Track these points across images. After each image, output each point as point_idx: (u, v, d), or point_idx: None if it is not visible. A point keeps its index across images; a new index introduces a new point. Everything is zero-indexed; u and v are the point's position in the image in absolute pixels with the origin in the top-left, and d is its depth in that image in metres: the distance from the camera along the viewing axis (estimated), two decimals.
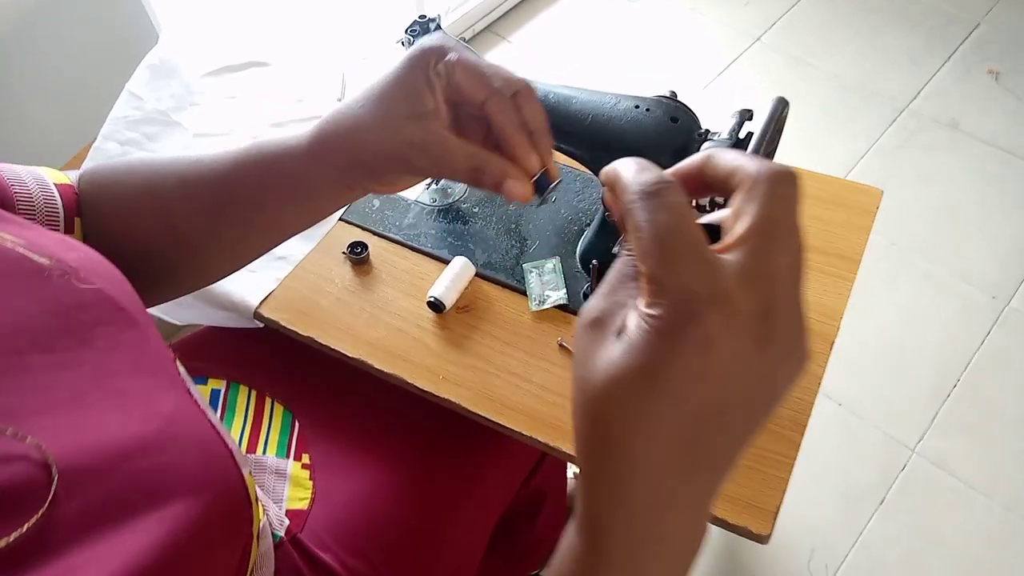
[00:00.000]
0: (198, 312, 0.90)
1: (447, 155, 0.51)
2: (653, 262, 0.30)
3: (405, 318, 0.84)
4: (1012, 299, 1.75)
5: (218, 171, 0.57)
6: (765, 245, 0.30)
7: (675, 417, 0.29)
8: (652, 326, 0.29)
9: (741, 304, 0.29)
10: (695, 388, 0.29)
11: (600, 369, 0.30)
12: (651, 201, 0.31)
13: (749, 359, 0.29)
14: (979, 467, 1.52)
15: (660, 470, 0.30)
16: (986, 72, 2.22)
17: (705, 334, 0.28)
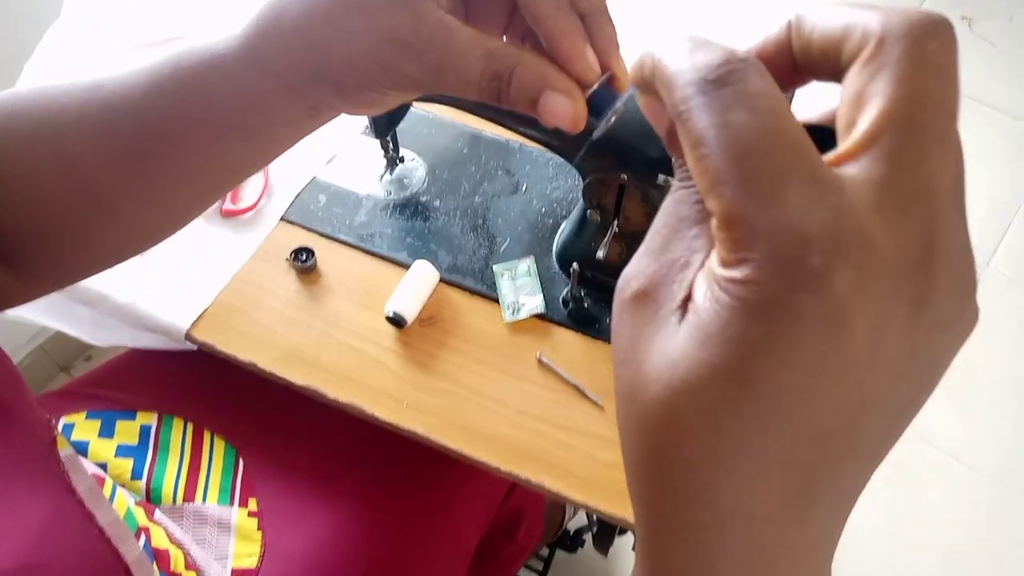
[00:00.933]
0: (121, 333, 0.78)
1: (451, 54, 0.32)
2: (733, 192, 0.18)
3: (361, 335, 0.74)
4: (992, 260, 1.70)
5: (129, 100, 0.39)
6: (914, 146, 0.19)
7: (785, 440, 0.19)
8: (739, 298, 0.18)
9: (884, 249, 0.18)
10: (816, 391, 0.18)
11: (658, 372, 0.20)
12: (720, 94, 0.19)
13: (899, 334, 0.19)
14: (963, 438, 1.49)
15: (763, 520, 0.20)
16: (960, 18, 2.14)
17: (831, 305, 0.18)
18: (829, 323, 0.18)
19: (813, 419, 0.19)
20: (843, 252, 0.18)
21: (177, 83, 0.38)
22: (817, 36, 0.22)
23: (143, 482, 0.69)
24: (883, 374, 0.19)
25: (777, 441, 0.19)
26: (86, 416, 0.73)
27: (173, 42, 0.91)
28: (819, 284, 0.18)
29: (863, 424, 0.20)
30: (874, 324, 0.18)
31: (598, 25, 0.33)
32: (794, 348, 0.18)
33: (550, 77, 0.32)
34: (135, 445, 0.71)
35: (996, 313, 1.63)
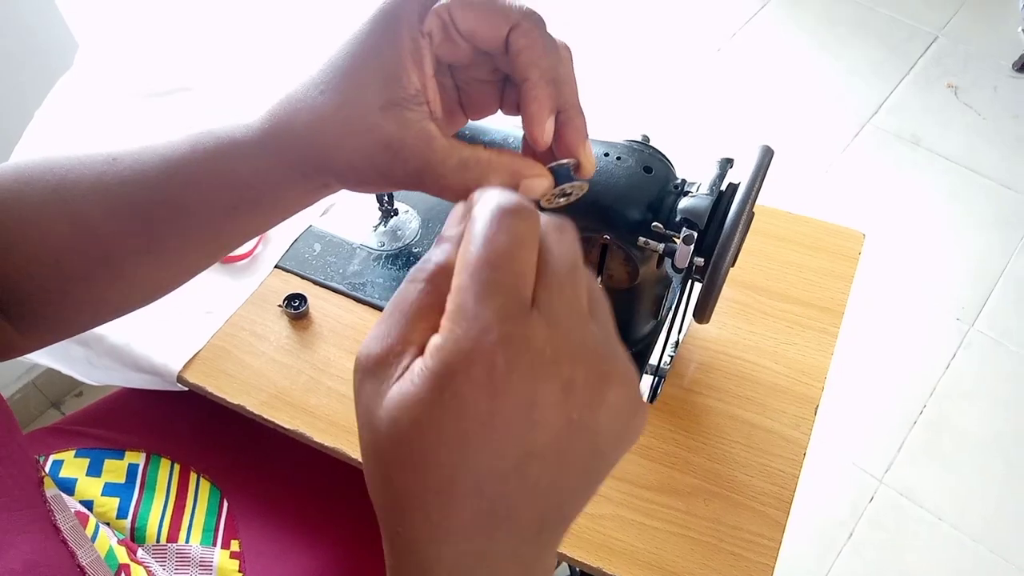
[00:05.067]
0: (114, 374, 0.80)
1: (428, 163, 0.36)
2: (472, 287, 0.26)
3: (349, 381, 0.75)
4: (976, 320, 1.73)
5: (144, 174, 0.42)
6: (568, 290, 0.28)
7: (470, 472, 0.26)
8: (438, 363, 0.26)
9: (543, 348, 0.26)
10: (485, 437, 0.26)
11: (382, 422, 0.27)
12: (504, 218, 0.27)
13: (554, 406, 0.26)
14: (947, 496, 1.49)
15: (461, 533, 0.27)
16: (946, 86, 2.21)
17: (490, 373, 0.25)
18: (491, 391, 0.25)
19: (488, 459, 0.26)
20: (508, 346, 0.25)
21: (194, 163, 0.42)
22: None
23: (128, 521, 0.69)
24: (542, 433, 0.26)
25: (464, 474, 0.26)
26: (75, 454, 0.74)
27: (180, 92, 0.94)
28: (488, 360, 0.25)
29: (530, 469, 0.27)
30: (526, 397, 0.26)
31: (570, 117, 0.37)
32: (470, 405, 0.25)
33: (521, 169, 0.37)
34: (122, 484, 0.72)
35: (981, 374, 1.65)
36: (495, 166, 0.36)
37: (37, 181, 0.43)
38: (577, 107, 0.37)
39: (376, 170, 0.37)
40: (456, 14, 0.35)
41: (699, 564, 0.65)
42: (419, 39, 0.35)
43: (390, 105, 0.36)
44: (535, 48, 0.35)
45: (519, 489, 0.27)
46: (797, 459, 0.71)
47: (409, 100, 0.36)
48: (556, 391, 0.26)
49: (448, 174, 0.36)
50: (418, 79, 0.36)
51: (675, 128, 2.08)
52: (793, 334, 0.78)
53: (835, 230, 0.87)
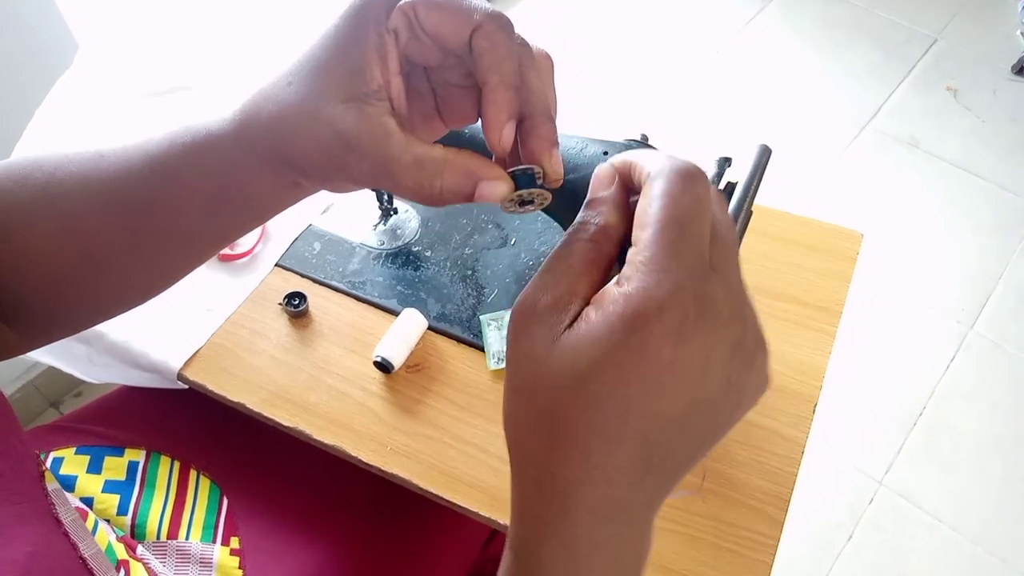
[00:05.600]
0: (115, 371, 0.80)
1: (384, 159, 0.35)
2: (662, 241, 0.28)
3: (348, 379, 0.76)
4: (976, 323, 1.73)
5: (128, 170, 0.42)
6: (733, 256, 0.30)
7: (641, 417, 0.28)
8: (626, 307, 0.27)
9: (722, 308, 0.28)
10: (664, 384, 0.27)
11: (557, 361, 0.28)
12: (687, 182, 0.29)
13: (722, 363, 0.28)
14: (946, 498, 1.49)
15: (615, 477, 0.29)
16: (945, 89, 2.21)
17: (682, 328, 0.27)
18: (678, 339, 0.27)
19: (660, 405, 0.28)
20: (698, 301, 0.27)
21: (173, 157, 0.41)
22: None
23: (128, 518, 0.70)
24: (709, 386, 0.28)
25: (635, 417, 0.28)
26: (75, 451, 0.74)
27: (179, 91, 0.94)
28: (680, 311, 0.27)
29: (692, 418, 0.28)
30: (706, 350, 0.28)
31: (537, 124, 0.36)
32: (654, 351, 0.27)
33: (477, 171, 0.35)
34: (122, 481, 0.72)
35: (979, 376, 1.65)
36: (451, 165, 0.35)
37: (26, 179, 0.43)
38: (544, 114, 0.37)
39: (334, 164, 0.37)
40: (421, 12, 0.35)
41: (698, 561, 0.65)
42: (384, 36, 0.35)
43: (351, 99, 0.36)
44: (496, 51, 0.34)
45: (676, 439, 0.29)
46: (795, 458, 0.71)
47: (370, 95, 0.36)
48: (727, 349, 0.28)
49: (403, 170, 0.35)
50: (381, 75, 0.36)
51: (674, 129, 2.08)
52: (791, 333, 0.79)
53: (833, 230, 0.87)
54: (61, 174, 0.43)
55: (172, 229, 0.44)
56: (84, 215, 0.43)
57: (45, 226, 0.43)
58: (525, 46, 0.36)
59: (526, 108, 0.36)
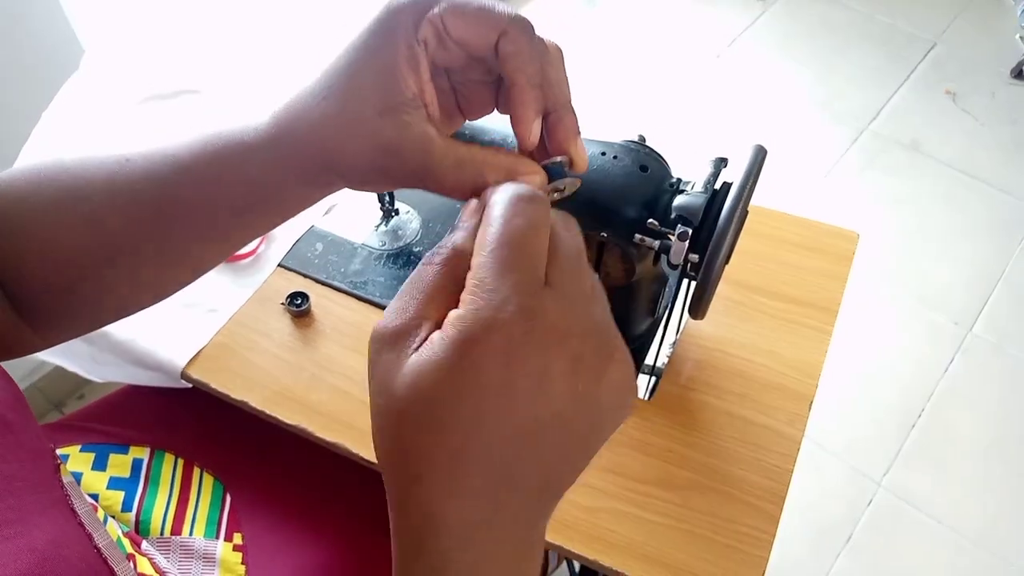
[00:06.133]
0: (119, 370, 0.81)
1: (428, 162, 0.38)
2: (491, 263, 0.29)
3: (350, 378, 0.77)
4: (974, 325, 1.73)
5: (155, 174, 0.44)
6: (575, 272, 0.31)
7: (483, 436, 0.28)
8: (458, 332, 0.28)
9: (557, 322, 0.29)
10: (500, 403, 0.28)
11: (401, 387, 0.29)
12: (520, 204, 0.31)
13: (563, 377, 0.29)
14: (945, 500, 1.50)
15: (470, 494, 0.29)
16: (944, 92, 2.22)
17: (507, 342, 0.28)
18: (508, 357, 0.28)
19: (501, 425, 0.28)
20: (526, 317, 0.28)
21: (204, 164, 0.43)
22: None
23: (133, 514, 0.71)
24: (551, 402, 0.29)
25: (477, 437, 0.28)
26: (80, 449, 0.75)
27: (185, 95, 0.96)
28: (506, 330, 0.28)
29: (539, 435, 0.29)
30: (539, 367, 0.28)
31: (561, 117, 0.39)
32: (485, 370, 0.28)
33: (515, 167, 0.38)
34: (127, 478, 0.73)
35: (978, 378, 1.66)
36: (491, 164, 0.38)
37: (52, 181, 0.45)
38: (567, 106, 0.39)
39: (378, 171, 0.39)
40: (448, 22, 0.36)
41: (695, 556, 0.66)
42: (415, 46, 0.37)
43: (388, 110, 0.37)
44: (522, 54, 0.36)
45: (527, 455, 0.29)
46: (791, 454, 0.72)
47: (407, 104, 0.37)
48: (566, 363, 0.29)
49: (446, 173, 0.38)
50: (415, 84, 0.37)
51: (673, 132, 2.09)
52: (788, 332, 0.80)
53: (830, 230, 0.88)
54: (86, 176, 0.45)
55: (197, 232, 0.46)
56: (108, 217, 0.44)
57: (68, 226, 0.45)
58: (542, 43, 0.38)
59: (549, 103, 0.38)
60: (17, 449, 0.40)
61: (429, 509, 0.29)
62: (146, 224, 0.45)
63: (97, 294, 0.48)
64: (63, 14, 1.21)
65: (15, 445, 0.40)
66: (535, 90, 0.37)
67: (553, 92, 0.38)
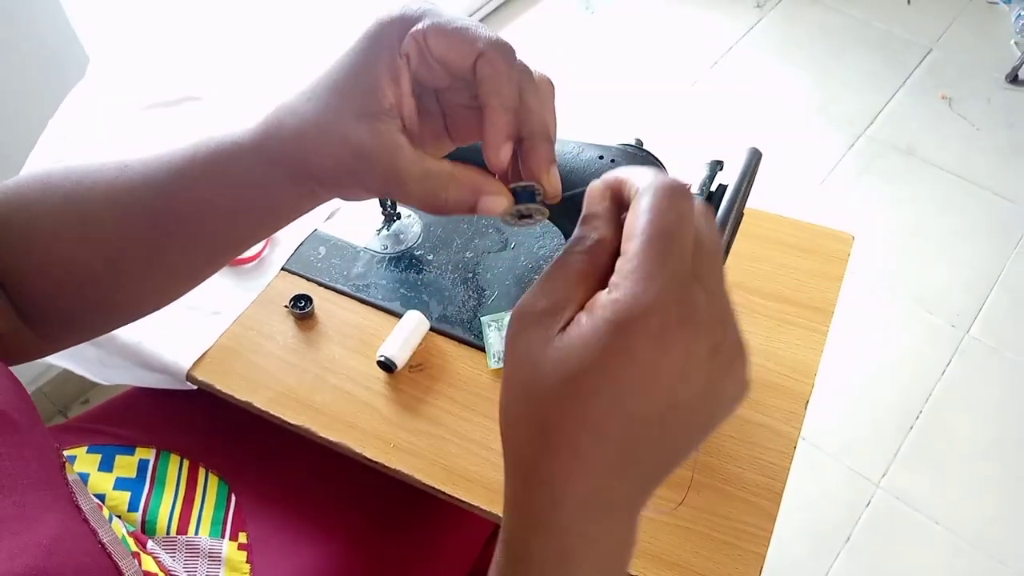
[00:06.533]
0: (125, 373, 0.82)
1: (395, 171, 0.38)
2: (647, 252, 0.30)
3: (353, 379, 0.78)
4: (971, 327, 1.75)
5: (151, 179, 0.45)
6: (717, 266, 0.32)
7: (624, 414, 0.30)
8: (610, 317, 0.29)
9: (703, 314, 0.30)
10: (644, 385, 0.29)
11: (549, 361, 0.30)
12: (672, 197, 0.31)
13: (702, 365, 0.30)
14: (943, 501, 1.51)
15: (601, 470, 0.30)
16: (940, 97, 2.24)
17: (662, 328, 0.29)
18: (660, 343, 0.29)
19: (642, 405, 0.30)
20: (680, 307, 0.29)
21: (196, 167, 0.44)
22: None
23: (139, 514, 0.72)
24: (688, 388, 0.30)
25: (619, 415, 0.30)
26: (87, 450, 0.76)
27: (188, 102, 0.97)
28: (663, 317, 0.29)
29: (671, 419, 0.30)
30: (686, 354, 0.29)
31: (535, 145, 0.39)
32: (638, 353, 0.29)
33: (480, 186, 0.39)
34: (133, 478, 0.74)
35: (976, 380, 1.67)
36: (456, 179, 0.39)
37: (56, 187, 0.46)
38: (543, 135, 0.39)
39: (350, 175, 0.40)
40: (430, 40, 0.37)
41: (693, 553, 0.67)
42: (397, 59, 0.38)
43: (365, 116, 0.38)
44: (497, 77, 0.37)
45: (656, 437, 0.31)
46: (788, 452, 0.73)
47: (383, 113, 0.38)
48: (706, 352, 0.30)
49: (411, 182, 0.38)
50: (393, 95, 0.39)
51: (671, 136, 2.11)
52: (784, 332, 0.81)
53: (825, 232, 0.89)
54: (87, 183, 0.46)
55: (193, 236, 0.46)
56: (108, 222, 0.46)
57: (70, 233, 0.46)
58: (526, 71, 0.38)
59: (525, 129, 0.39)
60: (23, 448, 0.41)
61: (558, 479, 0.31)
62: (144, 228, 0.46)
63: (100, 299, 0.49)
64: (68, 24, 1.23)
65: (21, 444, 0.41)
66: (507, 114, 0.38)
67: (530, 118, 0.38)
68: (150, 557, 0.64)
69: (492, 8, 2.44)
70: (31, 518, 0.39)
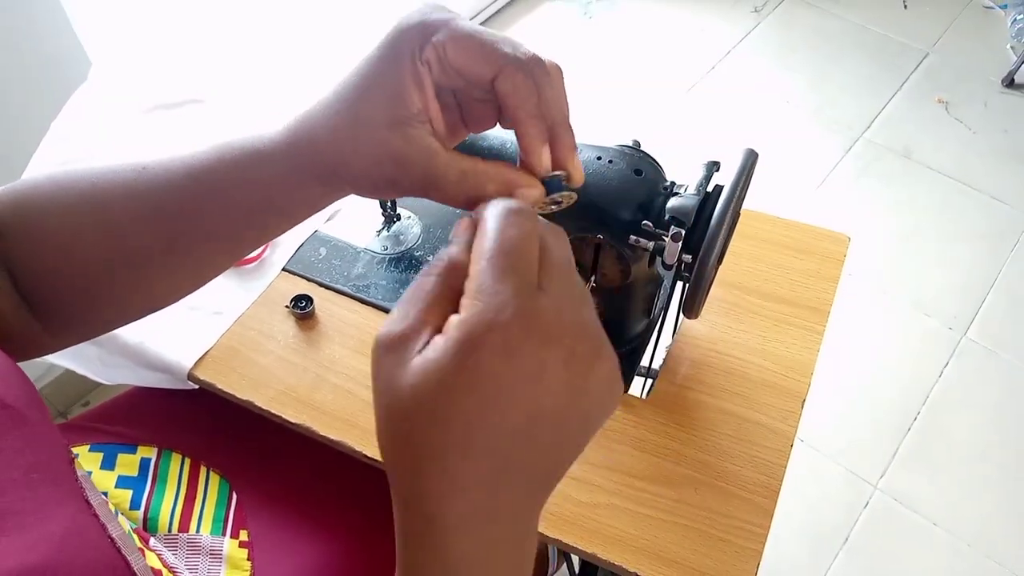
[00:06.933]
0: (127, 372, 0.83)
1: (432, 173, 0.40)
2: (489, 270, 0.31)
3: (353, 378, 0.79)
4: (968, 330, 1.75)
5: (171, 181, 0.46)
6: (565, 277, 0.34)
7: (487, 429, 0.30)
8: (460, 331, 0.30)
9: (551, 323, 0.31)
10: (500, 398, 0.30)
11: (406, 387, 0.30)
12: (512, 216, 0.33)
13: (558, 372, 0.31)
14: (941, 502, 1.51)
15: (474, 486, 0.31)
16: (936, 101, 2.25)
17: (507, 341, 0.30)
18: (507, 356, 0.30)
19: (503, 418, 0.30)
20: (524, 319, 0.30)
21: (219, 171, 0.45)
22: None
23: (141, 512, 0.72)
24: (548, 396, 0.31)
25: (480, 431, 0.30)
26: (89, 449, 0.77)
27: (190, 104, 0.98)
28: (505, 330, 0.30)
29: (538, 428, 0.31)
30: (536, 364, 0.30)
31: (559, 135, 0.41)
32: (487, 368, 0.30)
33: (515, 180, 0.41)
34: (135, 476, 0.75)
35: (973, 382, 1.68)
36: (492, 176, 0.40)
37: (71, 187, 0.47)
38: (564, 124, 0.41)
39: (385, 179, 0.42)
40: (449, 51, 0.39)
41: (690, 550, 0.68)
42: (419, 66, 0.39)
43: (396, 123, 0.40)
44: (519, 92, 0.39)
45: (526, 447, 0.31)
46: (784, 450, 0.74)
47: (413, 118, 0.40)
48: (560, 360, 0.31)
49: (449, 184, 0.40)
50: (420, 100, 0.40)
51: (669, 140, 2.12)
52: (781, 332, 0.81)
53: (821, 233, 0.90)
54: (104, 183, 0.47)
55: (208, 237, 0.48)
56: (125, 222, 0.47)
57: (86, 231, 0.47)
58: (539, 63, 0.39)
59: (547, 121, 0.40)
60: (34, 443, 0.41)
61: (432, 500, 0.31)
62: (161, 230, 0.47)
63: (111, 298, 0.50)
64: (70, 26, 1.24)
65: (32, 439, 0.41)
66: (537, 122, 0.40)
67: (551, 111, 0.40)
68: (153, 554, 0.64)
69: (493, 12, 2.45)
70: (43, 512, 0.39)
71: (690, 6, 2.53)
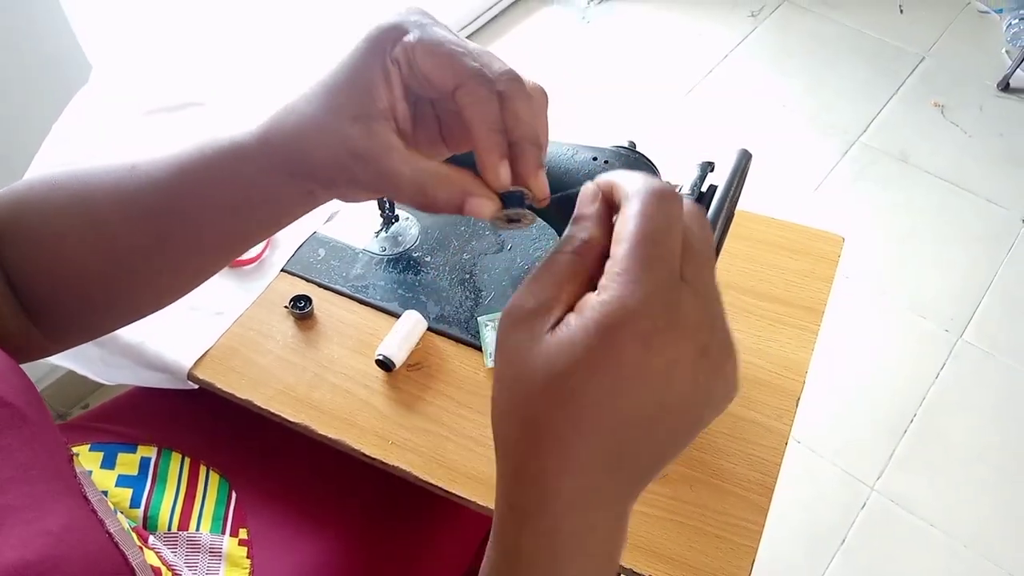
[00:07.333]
0: (128, 372, 0.83)
1: (388, 172, 0.40)
2: (635, 255, 0.30)
3: (352, 378, 0.79)
4: (964, 332, 1.76)
5: (158, 179, 0.46)
6: (706, 269, 0.33)
7: (612, 415, 0.30)
8: (601, 314, 0.30)
9: (690, 316, 0.30)
10: (632, 386, 0.30)
11: (539, 362, 0.30)
12: (659, 201, 0.32)
13: (688, 368, 0.30)
14: (938, 503, 1.52)
15: (589, 469, 0.31)
16: (932, 105, 2.26)
17: (647, 330, 0.29)
18: (647, 345, 0.30)
19: (630, 406, 0.30)
20: (667, 310, 0.30)
21: (201, 167, 0.45)
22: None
23: (140, 511, 0.73)
24: (676, 390, 0.31)
25: (607, 415, 0.30)
26: (89, 448, 0.77)
27: (190, 107, 0.99)
28: (649, 319, 0.30)
29: (659, 420, 0.31)
30: (673, 356, 0.30)
31: (523, 150, 0.40)
32: (625, 355, 0.29)
33: (469, 186, 0.40)
34: (135, 475, 0.75)
35: (969, 384, 1.68)
36: (446, 180, 0.40)
37: (63, 188, 0.48)
38: (530, 140, 0.40)
39: (343, 172, 0.41)
40: (417, 56, 0.39)
41: (686, 547, 0.68)
42: (389, 65, 0.40)
43: (360, 117, 0.40)
44: (477, 105, 0.38)
45: (644, 437, 0.31)
46: (779, 448, 0.74)
47: (378, 114, 0.40)
48: (694, 355, 0.31)
49: (403, 182, 0.39)
50: (386, 98, 0.40)
51: (665, 143, 2.13)
52: (775, 331, 0.82)
53: (815, 234, 0.91)
54: (94, 183, 0.47)
55: (196, 235, 0.48)
56: (115, 222, 0.47)
57: (77, 232, 0.47)
58: (516, 81, 0.39)
59: (514, 135, 0.39)
60: (33, 441, 0.42)
61: (551, 476, 0.31)
62: (151, 230, 0.47)
63: (105, 299, 0.50)
64: (70, 29, 1.25)
65: (31, 437, 0.42)
66: (495, 134, 0.39)
67: (520, 126, 0.39)
68: (152, 552, 0.65)
69: (490, 17, 2.46)
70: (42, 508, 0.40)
71: (687, 11, 2.54)
